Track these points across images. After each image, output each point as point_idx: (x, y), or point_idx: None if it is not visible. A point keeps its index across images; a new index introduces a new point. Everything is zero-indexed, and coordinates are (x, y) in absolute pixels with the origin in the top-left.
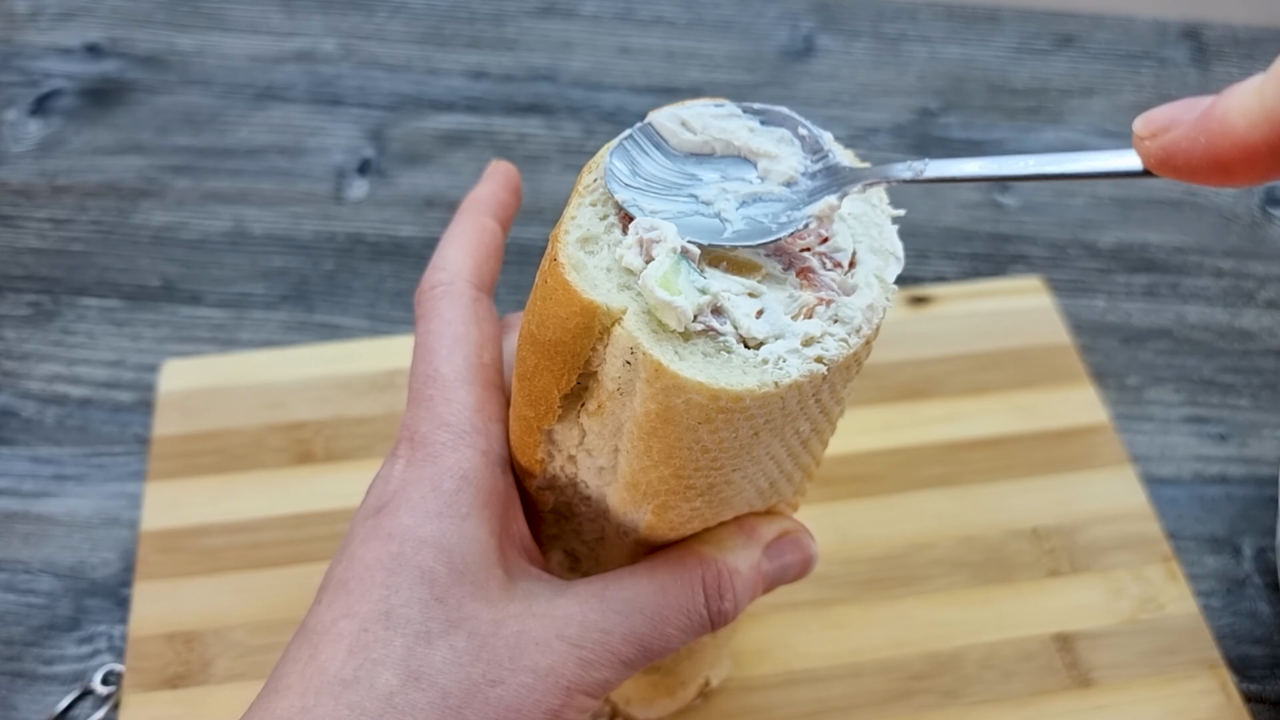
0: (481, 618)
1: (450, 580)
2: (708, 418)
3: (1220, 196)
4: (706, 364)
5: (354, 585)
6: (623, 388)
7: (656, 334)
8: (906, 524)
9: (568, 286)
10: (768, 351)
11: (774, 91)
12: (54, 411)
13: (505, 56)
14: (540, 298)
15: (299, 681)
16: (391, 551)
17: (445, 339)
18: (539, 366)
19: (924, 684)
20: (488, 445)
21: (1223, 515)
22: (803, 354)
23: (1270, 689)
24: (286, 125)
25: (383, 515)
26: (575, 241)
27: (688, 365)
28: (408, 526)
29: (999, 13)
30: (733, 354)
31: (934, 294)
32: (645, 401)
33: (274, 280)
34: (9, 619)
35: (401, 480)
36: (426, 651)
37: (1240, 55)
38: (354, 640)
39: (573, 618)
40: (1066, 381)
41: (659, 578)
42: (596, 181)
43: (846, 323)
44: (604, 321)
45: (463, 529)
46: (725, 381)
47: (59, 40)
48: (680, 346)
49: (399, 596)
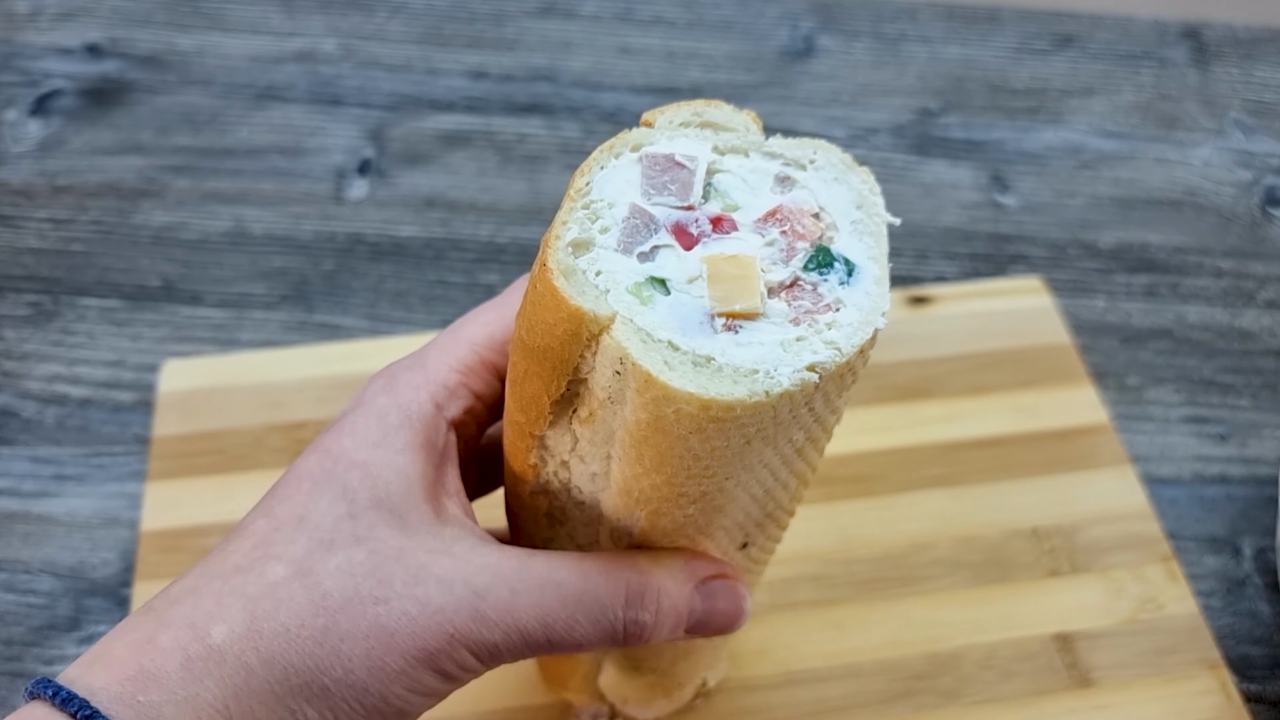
0: (390, 542)
1: (370, 503)
2: (699, 427)
3: (1220, 196)
4: (696, 374)
5: (281, 490)
6: (613, 396)
7: (646, 343)
8: (906, 524)
9: (555, 292)
10: (759, 360)
11: (774, 91)
12: (54, 411)
13: (505, 56)
14: (530, 302)
15: (201, 567)
16: (325, 466)
17: (501, 306)
18: (529, 372)
19: (924, 684)
20: (446, 400)
21: (1223, 515)
22: (795, 362)
23: (1270, 689)
24: (286, 125)
25: (328, 433)
26: (566, 246)
27: (677, 375)
28: (345, 447)
29: (999, 13)
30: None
31: (934, 294)
32: (636, 410)
33: (274, 280)
34: (9, 619)
35: (357, 403)
36: (324, 555)
37: (1240, 55)
38: (263, 537)
39: (486, 567)
40: (1066, 381)
41: (587, 566)
42: (589, 185)
43: (842, 328)
44: (592, 329)
45: (394, 461)
46: (715, 391)
47: (59, 40)
48: (670, 355)
49: (317, 506)
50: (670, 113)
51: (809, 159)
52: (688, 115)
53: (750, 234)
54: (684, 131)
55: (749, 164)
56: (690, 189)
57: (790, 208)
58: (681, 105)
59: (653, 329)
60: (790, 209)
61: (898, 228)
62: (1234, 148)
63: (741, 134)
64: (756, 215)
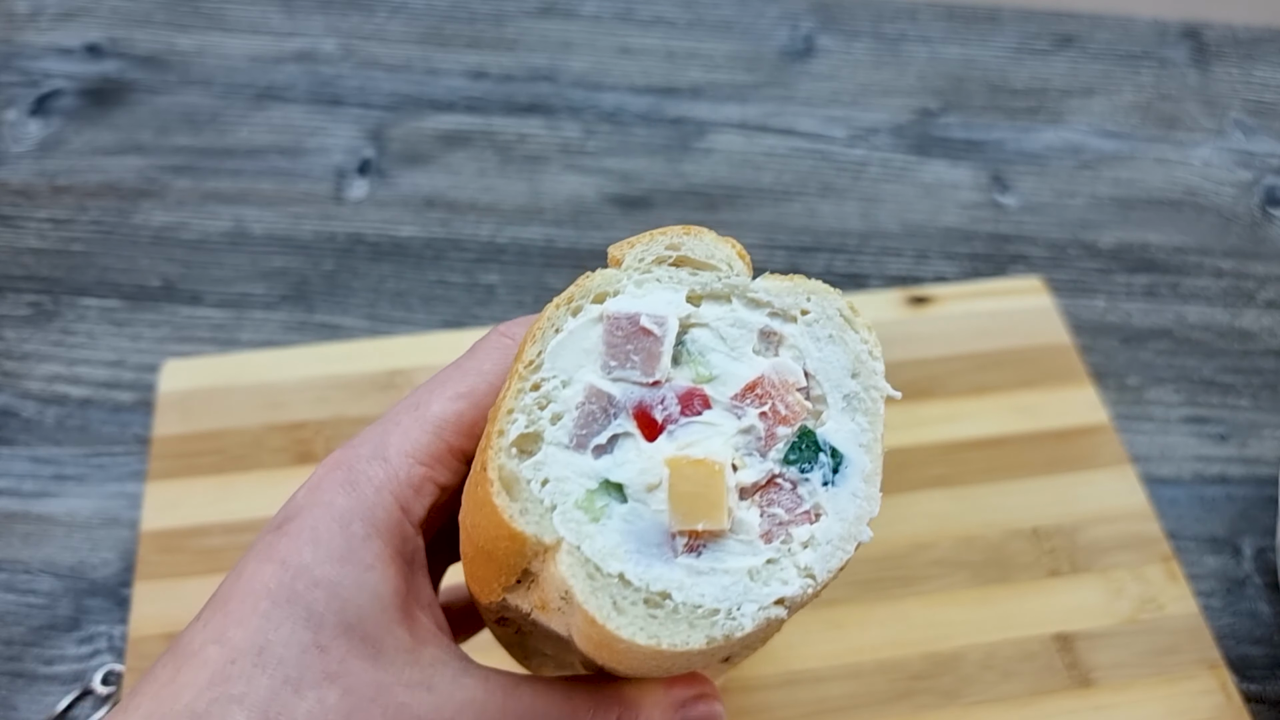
0: (364, 678)
1: (338, 630)
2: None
3: (1220, 196)
4: (649, 621)
5: (234, 608)
6: (563, 608)
7: (593, 579)
8: (906, 524)
9: (495, 511)
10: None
11: (774, 91)
12: (54, 411)
13: (505, 56)
14: (472, 502)
15: (150, 703)
16: (283, 581)
17: (470, 375)
18: (476, 559)
19: (924, 684)
20: (412, 500)
21: (1223, 515)
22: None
23: (1270, 689)
24: (286, 125)
25: (282, 535)
26: (509, 447)
27: (627, 622)
28: (305, 562)
29: (999, 13)
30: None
31: (934, 294)
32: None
33: (274, 280)
34: (9, 619)
35: (310, 501)
36: (292, 699)
37: (1240, 55)
38: (217, 671)
39: (472, 703)
40: (1066, 382)
41: (576, 699)
42: (541, 357)
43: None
44: (537, 549)
45: (364, 580)
46: (669, 642)
47: (59, 40)
48: (620, 594)
49: (278, 633)
50: (641, 246)
51: (801, 308)
52: (661, 250)
53: (725, 415)
54: (655, 274)
55: (730, 314)
56: (657, 361)
57: (773, 380)
58: (655, 236)
59: (602, 559)
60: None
61: (895, 229)
62: (1234, 148)
63: (724, 275)
64: (734, 390)
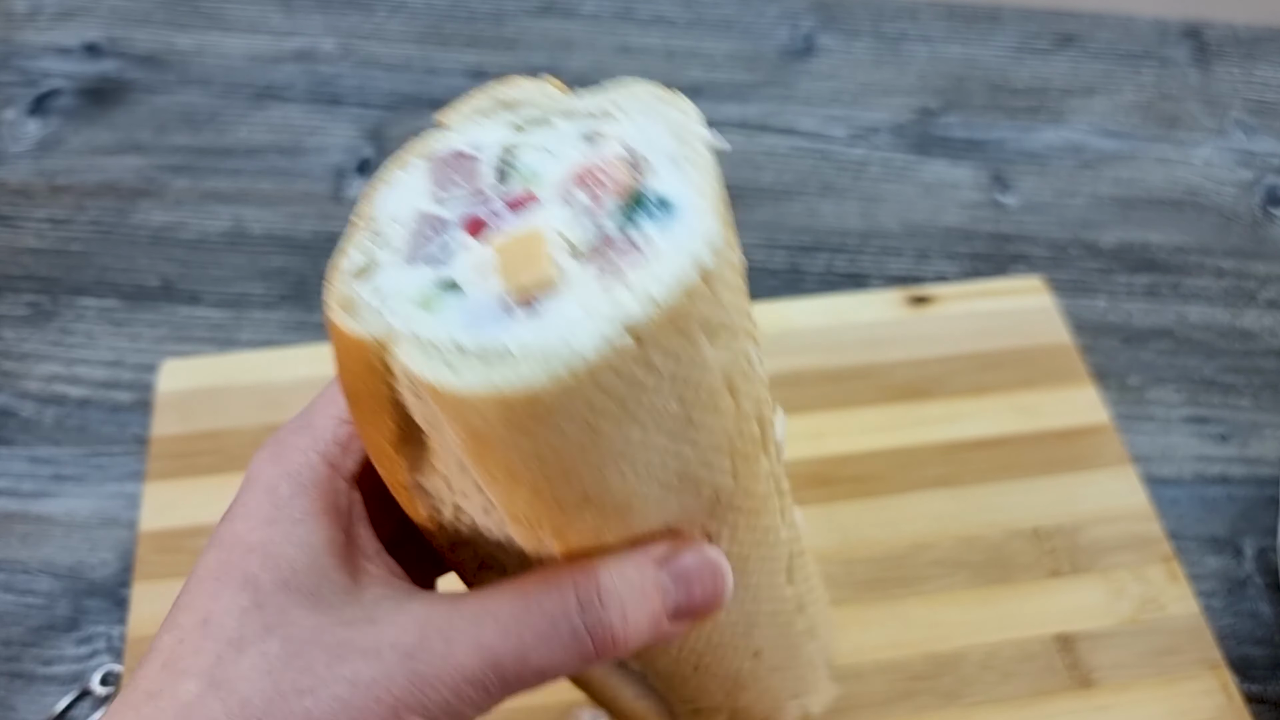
0: (304, 623)
1: (274, 586)
2: (516, 427)
3: (1221, 196)
4: (485, 369)
5: (184, 598)
6: (430, 421)
7: (427, 354)
8: (907, 524)
9: (336, 329)
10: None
11: (774, 91)
12: (53, 411)
13: (505, 56)
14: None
15: (117, 702)
16: (221, 559)
17: None
18: (360, 420)
19: (924, 684)
20: (340, 457)
21: (1224, 515)
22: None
23: (1272, 689)
24: (285, 125)
25: (221, 522)
26: (347, 277)
27: (462, 375)
28: (237, 533)
29: (999, 12)
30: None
31: (934, 294)
32: (452, 427)
33: (273, 280)
34: (7, 619)
35: (246, 482)
36: (235, 658)
37: (1241, 55)
38: (169, 652)
39: (414, 623)
40: (1067, 382)
41: (525, 585)
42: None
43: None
44: (380, 354)
45: (293, 534)
46: (505, 382)
47: (58, 40)
48: (455, 359)
49: (218, 603)
50: (464, 105)
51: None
52: (483, 102)
53: (554, 204)
54: (479, 121)
55: (552, 134)
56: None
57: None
58: (476, 93)
59: (438, 337)
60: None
61: (896, 228)
62: (1235, 147)
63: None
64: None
